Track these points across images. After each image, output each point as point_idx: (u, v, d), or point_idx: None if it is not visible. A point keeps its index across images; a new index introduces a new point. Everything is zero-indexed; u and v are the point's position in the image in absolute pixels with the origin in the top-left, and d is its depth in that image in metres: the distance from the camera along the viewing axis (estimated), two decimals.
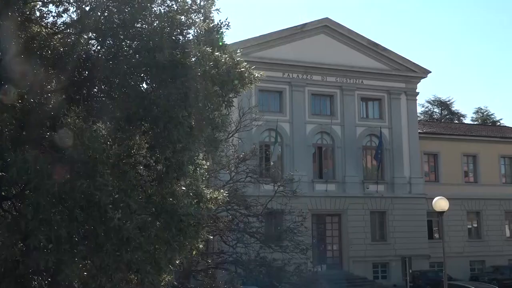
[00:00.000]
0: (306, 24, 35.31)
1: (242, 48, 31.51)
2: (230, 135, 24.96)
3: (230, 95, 9.74)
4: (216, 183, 24.22)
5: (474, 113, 66.40)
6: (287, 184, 26.88)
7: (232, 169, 25.08)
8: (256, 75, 10.75)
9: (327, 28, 35.78)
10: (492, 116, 65.17)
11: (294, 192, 26.27)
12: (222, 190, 12.52)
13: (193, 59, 9.12)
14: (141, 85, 9.62)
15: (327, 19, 35.89)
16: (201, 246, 11.19)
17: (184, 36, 10.27)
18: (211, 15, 10.70)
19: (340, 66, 35.29)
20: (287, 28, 34.99)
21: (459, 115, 64.84)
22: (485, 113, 65.58)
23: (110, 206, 8.35)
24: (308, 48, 34.85)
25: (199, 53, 8.89)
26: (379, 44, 36.71)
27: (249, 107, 27.07)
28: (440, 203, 20.50)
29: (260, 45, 33.70)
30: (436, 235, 37.25)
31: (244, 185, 24.99)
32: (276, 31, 34.71)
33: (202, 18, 10.53)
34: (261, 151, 32.19)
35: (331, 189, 34.56)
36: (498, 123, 62.26)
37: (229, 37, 23.35)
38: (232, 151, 25.24)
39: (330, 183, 34.65)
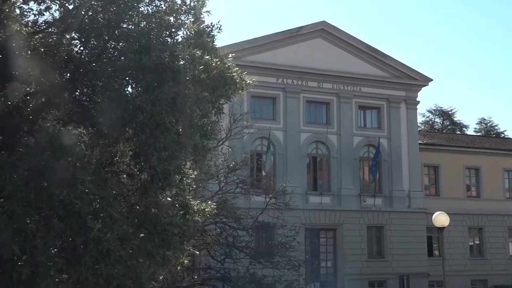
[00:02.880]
0: (302, 27, 35.47)
1: (234, 52, 31.69)
2: (220, 143, 25.01)
3: (221, 101, 9.78)
4: (204, 194, 24.20)
5: (477, 124, 66.86)
6: (280, 196, 26.86)
7: (222, 179, 25.07)
8: (248, 81, 10.81)
9: (324, 32, 35.96)
10: (496, 128, 65.58)
11: (286, 205, 26.25)
12: (210, 202, 12.56)
13: (182, 63, 9.16)
14: (126, 89, 9.65)
15: (324, 22, 36.06)
16: (186, 261, 11.19)
17: (173, 38, 10.33)
18: (202, 16, 10.76)
19: (337, 72, 35.42)
20: (282, 31, 35.10)
21: (461, 126, 65.21)
22: (488, 124, 65.98)
23: (90, 215, 8.34)
24: (303, 53, 34.98)
25: (188, 56, 8.92)
26: (378, 50, 36.92)
27: (241, 114, 27.05)
28: (440, 218, 20.59)
29: (253, 49, 33.80)
30: (436, 252, 37.32)
31: (234, 197, 24.97)
32: (270, 34, 34.82)
33: (192, 19, 10.60)
34: (253, 161, 32.18)
35: (326, 202, 34.57)
36: (502, 135, 62.64)
37: (221, 40, 23.38)
38: (222, 160, 25.27)
39: (325, 195, 34.67)
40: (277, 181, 31.89)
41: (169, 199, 11.15)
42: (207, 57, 9.23)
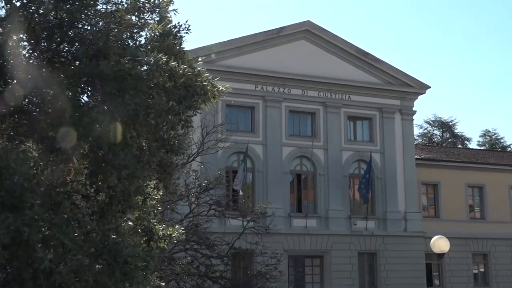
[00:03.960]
0: (284, 27, 35.79)
1: (207, 55, 32.29)
2: (191, 159, 25.06)
3: (189, 113, 9.79)
4: (173, 217, 24.17)
5: (480, 136, 67.91)
6: (259, 219, 26.98)
7: (193, 200, 25.08)
8: (221, 88, 10.84)
9: (308, 33, 36.29)
10: (502, 141, 66.61)
11: (267, 229, 26.35)
12: (177, 226, 12.52)
13: (144, 69, 9.16)
14: (81, 99, 9.60)
15: (308, 22, 36.41)
16: None
17: (135, 41, 10.33)
18: (168, 15, 10.79)
19: (324, 78, 35.73)
20: (262, 32, 35.39)
21: (463, 139, 66.11)
22: (493, 137, 66.97)
23: (40, 244, 8.26)
24: (286, 56, 35.26)
25: (152, 61, 8.93)
26: (369, 54, 37.35)
27: (214, 126, 27.17)
28: (439, 243, 20.75)
29: (229, 52, 33.99)
30: (436, 282, 37.57)
31: (206, 220, 25.06)
32: (248, 36, 35.06)
33: (157, 18, 10.62)
34: (228, 179, 32.18)
35: (311, 225, 34.67)
36: (509, 149, 63.60)
37: (191, 42, 23.48)
38: (193, 179, 25.27)
39: (311, 218, 34.78)
40: (256, 202, 31.97)
41: (130, 223, 11.11)
42: (173, 62, 9.24)
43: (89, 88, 9.33)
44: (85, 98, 9.87)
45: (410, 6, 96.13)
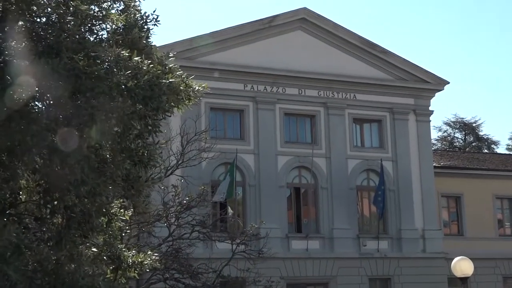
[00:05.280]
0: (276, 16, 35.79)
1: (184, 51, 32.26)
2: (169, 172, 25.00)
3: (157, 117, 9.77)
4: (151, 241, 24.10)
5: (510, 139, 68.05)
6: (251, 242, 26.88)
7: (172, 221, 25.01)
8: (197, 87, 10.82)
9: (305, 22, 36.32)
10: None
11: (260, 253, 26.29)
12: (150, 252, 12.48)
13: (104, 67, 9.12)
14: (29, 103, 9.56)
15: (305, 10, 36.41)
16: None
17: (95, 34, 10.31)
18: (137, 4, 10.81)
19: (324, 75, 35.73)
20: (251, 22, 35.36)
21: (489, 143, 66.19)
22: None
23: None
24: (279, 50, 35.23)
25: (112, 57, 8.90)
26: (377, 45, 37.39)
27: (196, 133, 27.10)
28: (462, 266, 20.73)
29: (213, 46, 33.93)
30: None
31: (189, 244, 24.97)
32: (235, 26, 35.04)
33: (120, 8, 10.63)
34: (214, 195, 32.13)
35: (313, 248, 34.58)
36: None
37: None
38: (172, 196, 25.20)
39: (312, 239, 34.69)
40: (248, 221, 31.86)
41: (94, 249, 11.06)
42: (136, 58, 9.21)
43: (38, 90, 9.27)
44: (35, 102, 9.85)
45: None
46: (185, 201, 25.23)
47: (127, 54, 9.13)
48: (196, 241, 25.56)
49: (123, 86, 8.91)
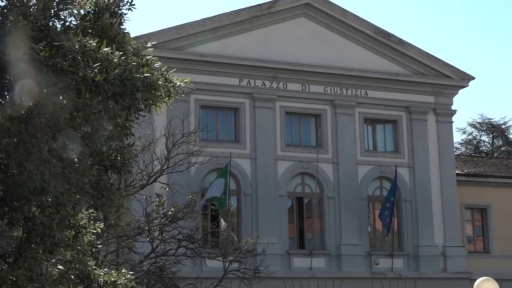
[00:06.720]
0: (277, 1, 35.80)
1: (171, 40, 32.30)
2: (152, 179, 25.02)
3: (129, 117, 9.80)
4: (131, 258, 24.11)
5: None
6: (246, 259, 26.94)
7: (156, 235, 25.00)
8: (178, 82, 10.82)
9: (310, 8, 36.33)
10: None
11: (256, 272, 26.34)
12: (125, 270, 12.51)
13: (69, 58, 9.14)
14: None
15: None
16: None
17: (62, 20, 10.33)
18: None
19: (332, 69, 35.79)
20: (247, 8, 35.36)
21: None
22: None
23: None
24: (280, 40, 35.27)
25: (78, 47, 8.94)
26: (392, 35, 37.44)
27: (184, 134, 27.11)
28: (485, 287, 20.68)
29: (203, 35, 33.95)
30: None
31: (175, 261, 24.94)
32: (229, 13, 35.06)
33: None
34: (205, 205, 32.18)
35: (318, 266, 34.63)
36: None
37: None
38: (156, 206, 25.20)
39: (317, 256, 34.73)
40: (243, 235, 31.88)
41: (60, 267, 11.08)
42: (106, 48, 9.25)
43: None
44: None
45: None
46: (170, 212, 25.17)
47: (94, 44, 9.15)
48: (183, 258, 25.48)
49: (90, 81, 8.91)
